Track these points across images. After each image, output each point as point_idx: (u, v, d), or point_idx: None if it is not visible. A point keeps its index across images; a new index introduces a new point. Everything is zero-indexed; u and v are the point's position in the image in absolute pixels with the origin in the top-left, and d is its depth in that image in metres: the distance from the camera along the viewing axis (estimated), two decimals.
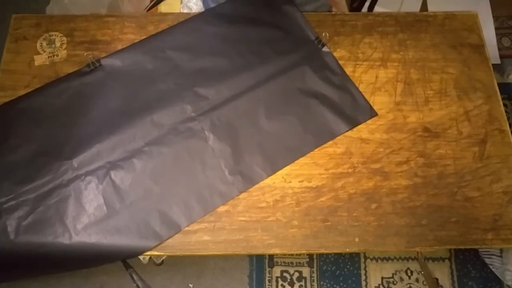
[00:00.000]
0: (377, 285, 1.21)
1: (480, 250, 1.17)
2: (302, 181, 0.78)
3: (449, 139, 0.82)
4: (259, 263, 1.24)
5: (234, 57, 0.88)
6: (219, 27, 0.91)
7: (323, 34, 0.90)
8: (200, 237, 0.74)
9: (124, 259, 0.75)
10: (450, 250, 1.25)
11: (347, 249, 0.74)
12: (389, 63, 0.89)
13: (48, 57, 0.88)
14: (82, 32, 0.91)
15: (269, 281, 1.22)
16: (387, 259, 1.24)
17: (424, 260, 1.21)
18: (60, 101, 0.84)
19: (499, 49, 1.47)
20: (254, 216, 0.76)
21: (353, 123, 0.83)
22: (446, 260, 1.24)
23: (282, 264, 1.24)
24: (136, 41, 0.90)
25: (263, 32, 0.91)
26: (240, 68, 0.87)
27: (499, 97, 0.86)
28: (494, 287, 1.20)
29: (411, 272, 1.22)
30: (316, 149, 0.81)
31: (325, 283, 1.21)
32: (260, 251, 0.74)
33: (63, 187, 0.76)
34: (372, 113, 0.84)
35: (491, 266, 1.13)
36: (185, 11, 1.10)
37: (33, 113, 0.83)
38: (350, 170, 0.79)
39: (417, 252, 1.18)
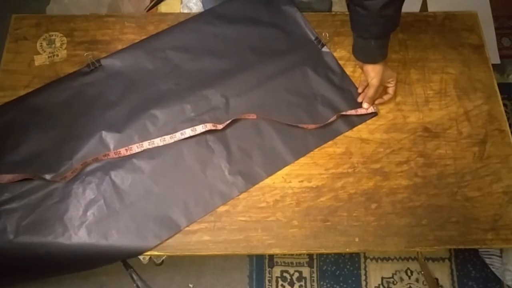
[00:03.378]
0: (377, 285, 1.21)
1: (480, 250, 1.17)
2: (302, 181, 0.78)
3: (449, 139, 0.82)
4: (259, 263, 1.24)
5: (234, 57, 0.88)
6: (219, 27, 0.91)
7: (323, 34, 0.90)
8: (200, 237, 0.74)
9: (124, 259, 0.75)
10: (450, 250, 1.25)
11: (347, 249, 0.74)
12: (389, 63, 0.88)
13: (48, 57, 0.88)
14: (82, 32, 0.91)
15: (269, 281, 1.22)
16: (387, 259, 1.24)
17: (424, 260, 1.21)
18: (60, 101, 0.84)
19: (499, 49, 1.47)
20: (254, 216, 0.76)
21: (353, 123, 0.83)
22: (446, 260, 1.24)
23: (282, 264, 1.24)
24: (136, 41, 0.90)
25: (263, 32, 0.91)
26: (240, 68, 0.87)
27: (499, 97, 0.86)
28: (494, 287, 1.20)
29: (411, 272, 1.22)
30: (316, 149, 0.81)
31: (325, 283, 1.21)
32: (260, 251, 0.74)
33: (63, 187, 0.76)
34: (372, 113, 0.84)
35: (491, 266, 1.13)
36: (185, 11, 1.10)
37: (33, 113, 0.83)
38: (350, 170, 0.79)
39: (417, 252, 1.18)
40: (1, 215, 0.74)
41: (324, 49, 0.89)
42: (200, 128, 0.79)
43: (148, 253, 0.73)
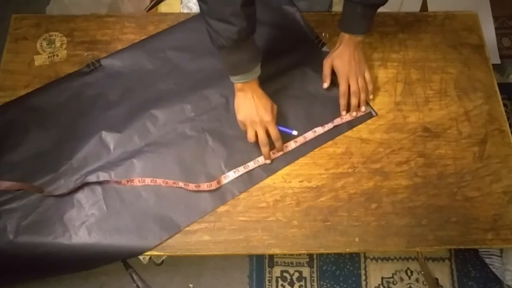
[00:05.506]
0: (377, 285, 1.21)
1: (480, 250, 1.17)
2: (302, 181, 0.78)
3: (449, 139, 0.82)
4: (259, 263, 1.24)
5: None
6: None
7: (323, 34, 0.90)
8: (200, 237, 0.74)
9: (124, 259, 0.75)
10: (450, 250, 1.25)
11: (347, 249, 0.74)
12: (389, 63, 0.89)
13: (48, 57, 0.88)
14: (82, 32, 0.91)
15: (269, 281, 1.22)
16: (387, 259, 1.24)
17: (424, 260, 1.21)
18: (60, 101, 0.84)
19: (499, 49, 1.47)
20: (254, 216, 0.76)
21: (353, 123, 0.83)
22: (446, 260, 1.24)
23: (282, 264, 1.24)
24: (136, 41, 0.90)
25: (263, 32, 0.90)
26: None
27: (499, 97, 0.86)
28: (494, 287, 1.20)
29: (411, 272, 1.22)
30: (316, 149, 0.81)
31: (325, 283, 1.21)
32: (260, 251, 0.74)
33: (63, 187, 0.76)
34: (372, 113, 0.84)
35: (491, 266, 1.13)
36: (185, 11, 1.10)
37: (33, 113, 0.83)
38: (350, 170, 0.79)
39: (417, 252, 1.18)
40: (1, 215, 0.74)
41: (324, 49, 0.89)
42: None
43: (148, 253, 0.73)
